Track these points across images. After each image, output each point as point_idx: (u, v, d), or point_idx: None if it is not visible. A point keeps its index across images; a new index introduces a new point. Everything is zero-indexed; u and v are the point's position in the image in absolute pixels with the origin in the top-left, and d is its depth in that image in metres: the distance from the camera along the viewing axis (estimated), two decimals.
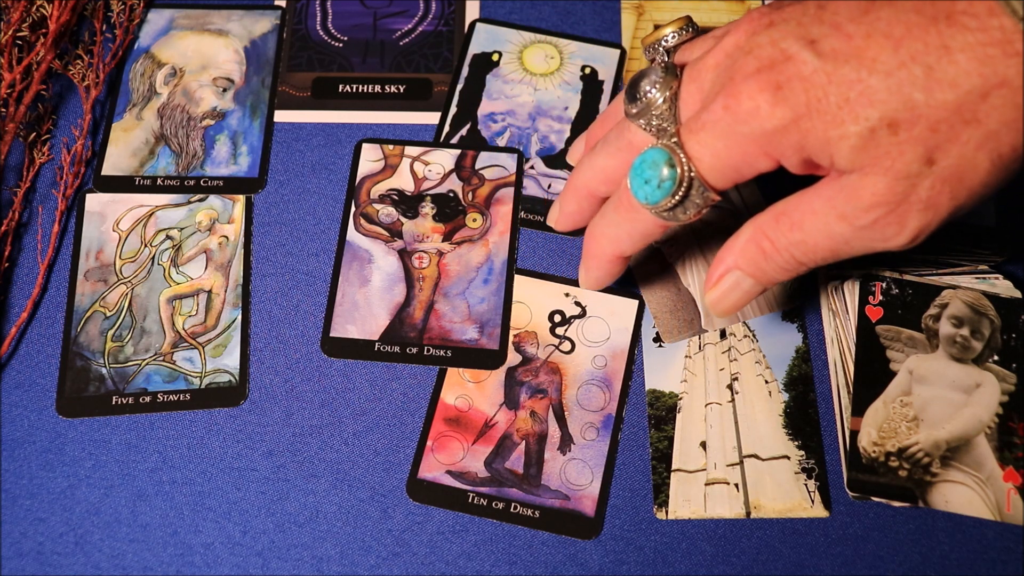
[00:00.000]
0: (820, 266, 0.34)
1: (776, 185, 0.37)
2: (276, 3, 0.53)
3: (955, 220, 0.32)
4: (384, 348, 0.43)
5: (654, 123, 0.35)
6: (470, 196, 0.47)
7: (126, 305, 0.44)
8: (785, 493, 0.40)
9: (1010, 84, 0.28)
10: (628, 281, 0.45)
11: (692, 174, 0.33)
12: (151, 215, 0.47)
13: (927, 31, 0.29)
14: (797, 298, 0.44)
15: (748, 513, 0.40)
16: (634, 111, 0.36)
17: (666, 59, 0.38)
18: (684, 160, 0.33)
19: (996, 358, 0.42)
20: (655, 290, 0.45)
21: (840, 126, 0.30)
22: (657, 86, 0.35)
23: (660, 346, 0.44)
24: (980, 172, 0.30)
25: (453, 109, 0.50)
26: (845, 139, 0.30)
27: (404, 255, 0.46)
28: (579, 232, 0.45)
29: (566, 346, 0.44)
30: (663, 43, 0.37)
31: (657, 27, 0.38)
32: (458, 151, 0.48)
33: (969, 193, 0.30)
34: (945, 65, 0.28)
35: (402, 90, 0.50)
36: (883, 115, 0.29)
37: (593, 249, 0.40)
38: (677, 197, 0.34)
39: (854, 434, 0.41)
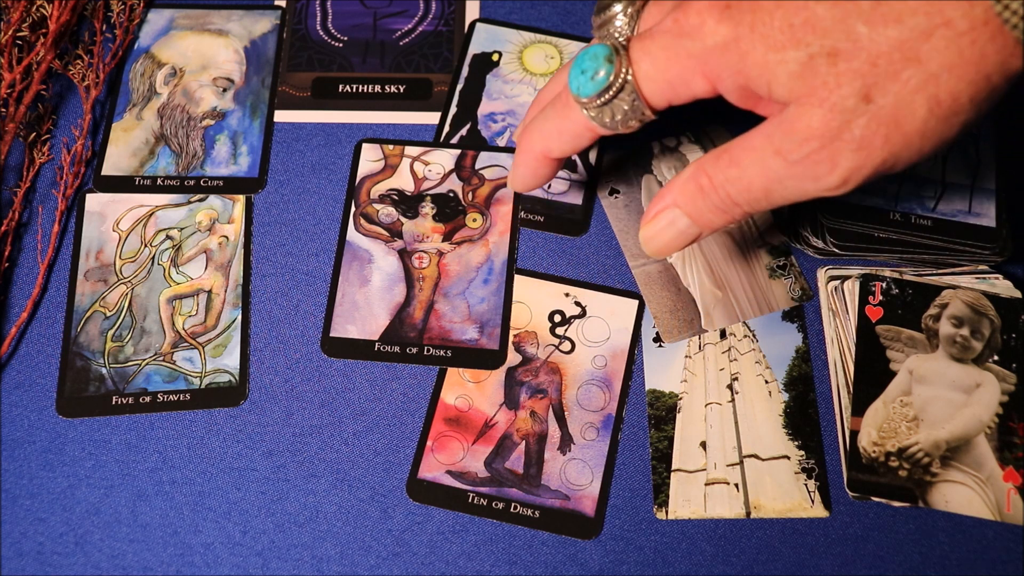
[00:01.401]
0: (756, 212, 0.34)
1: None
2: (276, 3, 0.53)
3: (888, 173, 0.31)
4: (384, 348, 0.43)
5: (612, 35, 0.36)
6: (470, 196, 0.47)
7: (126, 305, 0.44)
8: (785, 493, 0.40)
9: (953, 26, 0.28)
10: (628, 281, 0.45)
11: (627, 76, 0.33)
12: (151, 215, 0.47)
13: None
14: (796, 299, 0.45)
15: (748, 513, 0.40)
16: (597, 23, 0.36)
17: None
18: (624, 60, 0.33)
19: (996, 358, 0.42)
20: (655, 290, 0.45)
21: (780, 51, 0.30)
22: (622, 1, 0.36)
23: (660, 346, 0.44)
24: (916, 118, 0.30)
25: (453, 109, 0.50)
26: (783, 64, 0.30)
27: (404, 255, 0.46)
28: (573, 220, 0.45)
29: (566, 346, 0.44)
30: None
31: None
32: (458, 151, 0.48)
33: (905, 140, 0.30)
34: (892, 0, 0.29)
35: (402, 90, 0.50)
36: (824, 43, 0.29)
37: (523, 144, 0.40)
38: (608, 95, 0.34)
39: (854, 434, 0.41)
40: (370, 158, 0.48)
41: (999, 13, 0.28)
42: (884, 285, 0.43)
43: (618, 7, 0.36)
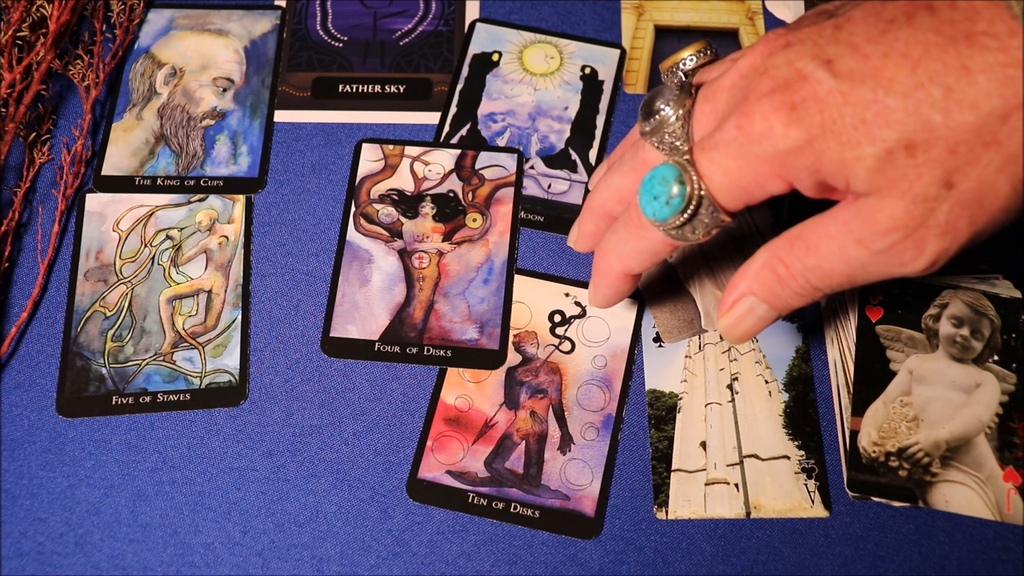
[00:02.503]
0: (835, 293, 0.33)
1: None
2: (276, 3, 0.53)
3: (974, 245, 0.31)
4: (384, 348, 0.43)
5: (667, 141, 0.35)
6: (470, 196, 0.47)
7: (126, 305, 0.44)
8: (785, 493, 0.40)
9: None
10: None
11: (702, 192, 0.33)
12: (151, 215, 0.47)
13: (946, 51, 0.28)
14: None
15: (748, 513, 0.40)
16: (647, 129, 0.35)
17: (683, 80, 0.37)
18: (695, 178, 0.33)
19: (996, 358, 0.42)
20: (655, 290, 0.45)
21: (856, 148, 0.29)
22: (671, 104, 0.34)
23: (660, 346, 0.44)
24: (1000, 196, 0.29)
25: (453, 109, 0.50)
26: (861, 161, 0.29)
27: (404, 255, 0.46)
28: None
29: (566, 346, 0.44)
30: (681, 66, 0.36)
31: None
32: (458, 151, 0.48)
33: (989, 218, 0.30)
34: (964, 86, 0.28)
35: (402, 90, 0.50)
36: (900, 136, 0.29)
37: (602, 266, 0.39)
38: (686, 215, 0.33)
39: (854, 434, 0.41)
40: (370, 158, 0.48)
41: None
42: (884, 285, 0.43)
43: (668, 111, 0.34)
